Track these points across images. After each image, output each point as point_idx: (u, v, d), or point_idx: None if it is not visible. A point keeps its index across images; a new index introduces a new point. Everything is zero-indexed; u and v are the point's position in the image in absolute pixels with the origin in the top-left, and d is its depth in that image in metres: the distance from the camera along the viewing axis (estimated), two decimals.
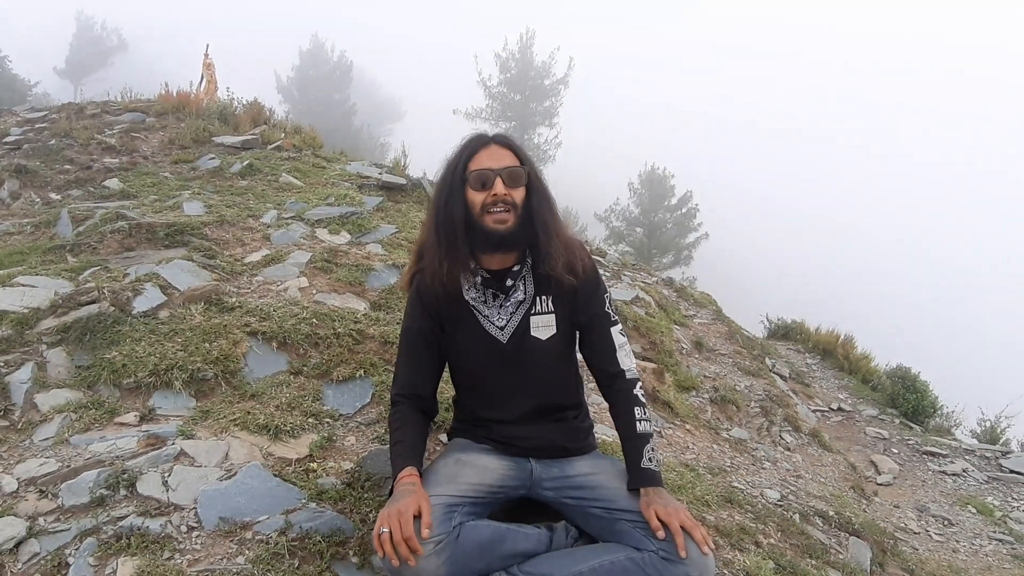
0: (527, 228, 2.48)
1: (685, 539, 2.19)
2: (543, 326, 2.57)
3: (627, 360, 2.62)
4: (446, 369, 2.78)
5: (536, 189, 2.52)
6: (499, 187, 2.42)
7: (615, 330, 2.64)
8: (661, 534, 2.20)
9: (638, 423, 2.49)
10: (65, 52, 64.08)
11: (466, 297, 2.57)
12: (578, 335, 2.70)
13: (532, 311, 2.57)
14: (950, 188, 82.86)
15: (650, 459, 2.43)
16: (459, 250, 2.45)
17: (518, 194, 2.46)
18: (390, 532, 2.08)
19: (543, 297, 2.58)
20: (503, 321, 2.56)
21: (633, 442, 2.48)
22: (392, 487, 2.32)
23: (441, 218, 2.49)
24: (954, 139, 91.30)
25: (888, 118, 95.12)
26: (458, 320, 2.59)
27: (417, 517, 2.14)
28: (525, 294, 2.57)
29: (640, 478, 2.40)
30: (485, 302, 2.57)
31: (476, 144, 2.51)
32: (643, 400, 2.56)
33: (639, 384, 2.60)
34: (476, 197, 2.44)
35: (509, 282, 2.55)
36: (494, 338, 2.56)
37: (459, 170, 2.48)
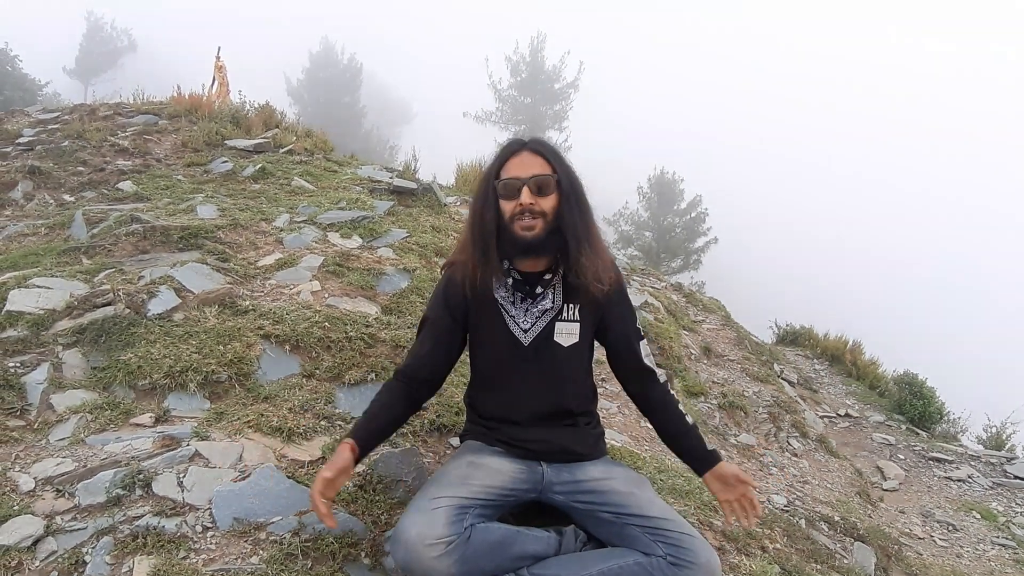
0: (557, 235, 2.49)
1: (691, 541, 2.25)
2: (567, 333, 2.60)
3: (651, 364, 2.75)
4: (456, 371, 2.82)
5: (568, 196, 2.51)
6: (526, 196, 2.43)
7: (642, 343, 2.74)
8: (755, 485, 2.42)
9: (687, 416, 2.66)
10: (75, 52, 64.20)
11: (495, 295, 2.60)
12: (607, 352, 2.78)
13: (558, 318, 2.60)
14: (959, 191, 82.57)
15: (707, 443, 2.64)
16: (491, 258, 2.49)
17: (547, 202, 2.46)
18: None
19: (571, 305, 2.61)
20: (528, 324, 2.59)
21: (691, 433, 2.65)
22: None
23: (477, 225, 2.52)
24: (963, 140, 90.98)
25: (894, 122, 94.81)
26: (484, 316, 2.62)
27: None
28: (553, 303, 2.59)
29: (711, 460, 2.58)
30: (513, 303, 2.60)
31: (508, 152, 2.53)
32: (676, 397, 2.73)
33: (668, 385, 2.74)
34: (506, 206, 2.46)
35: (539, 289, 2.59)
36: (516, 339, 2.59)
37: (492, 177, 2.52)
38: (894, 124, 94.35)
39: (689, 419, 2.65)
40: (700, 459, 2.60)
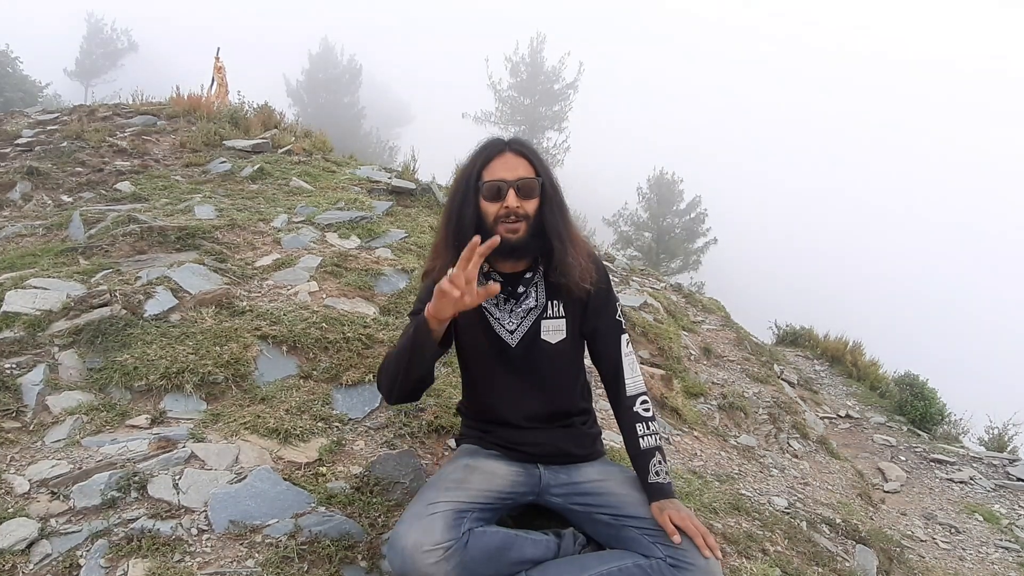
0: (539, 238, 2.46)
1: (691, 545, 2.21)
2: (553, 330, 2.57)
3: (631, 371, 2.61)
4: (455, 372, 2.79)
5: (549, 198, 2.49)
6: (511, 199, 2.39)
7: (623, 339, 2.64)
8: (677, 539, 2.21)
9: (641, 440, 2.50)
10: (75, 54, 64.25)
11: None
12: (586, 343, 2.70)
13: (544, 315, 2.57)
14: (961, 190, 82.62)
15: (656, 473, 2.44)
16: None
17: (530, 205, 2.44)
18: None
19: (555, 302, 2.58)
20: (513, 325, 2.56)
21: (638, 460, 2.49)
22: (424, 319, 2.28)
23: (453, 225, 2.47)
24: (965, 141, 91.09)
25: (898, 123, 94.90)
26: (469, 320, 2.57)
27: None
28: (537, 301, 2.56)
29: (649, 493, 2.41)
30: (497, 305, 2.57)
31: (491, 152, 2.48)
32: (646, 414, 2.55)
33: (642, 397, 2.58)
34: (489, 208, 2.42)
35: (521, 289, 2.55)
36: (503, 341, 2.56)
37: (473, 178, 2.46)
38: (897, 125, 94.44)
39: (647, 441, 2.50)
40: (645, 487, 2.46)
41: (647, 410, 2.57)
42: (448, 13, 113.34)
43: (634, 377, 2.61)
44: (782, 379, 7.70)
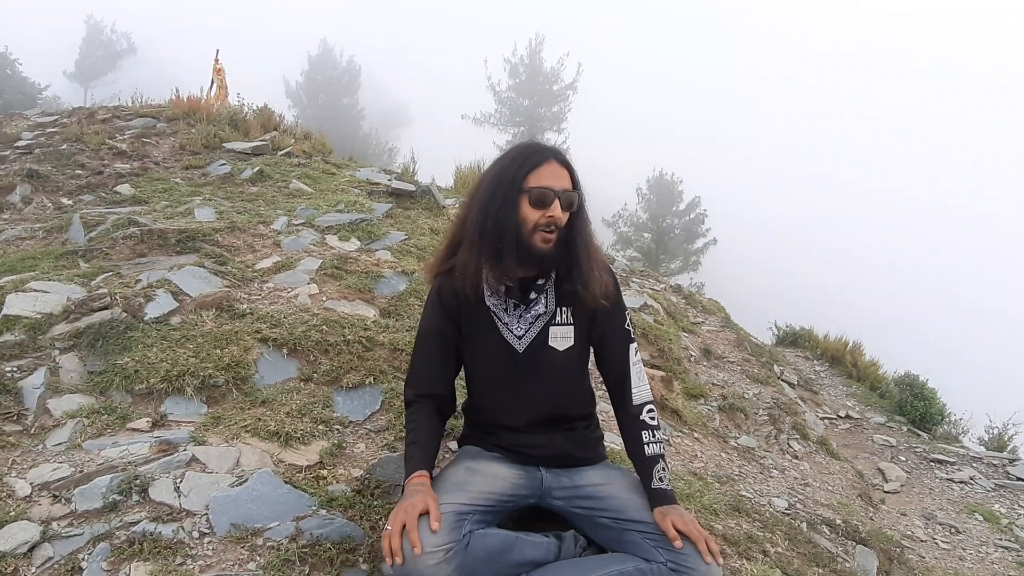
0: (564, 249, 2.48)
1: (692, 550, 2.21)
2: (561, 337, 2.58)
3: (638, 380, 2.63)
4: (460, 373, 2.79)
5: (582, 213, 2.52)
6: (557, 209, 2.41)
7: (632, 347, 2.66)
8: (679, 543, 2.22)
9: (646, 446, 2.52)
10: (75, 55, 64.25)
11: (487, 302, 2.57)
12: (593, 350, 2.72)
13: (552, 322, 2.58)
14: (960, 192, 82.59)
15: (660, 479, 2.45)
16: (506, 262, 2.45)
17: (566, 217, 2.46)
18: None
19: (564, 308, 2.58)
20: (521, 331, 2.56)
21: (643, 466, 2.51)
22: (403, 488, 2.36)
23: (490, 226, 2.45)
24: (964, 143, 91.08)
25: (895, 124, 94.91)
26: (477, 324, 2.59)
27: (424, 515, 2.17)
28: (546, 308, 2.56)
29: (652, 498, 2.42)
30: (506, 310, 2.57)
31: (538, 158, 2.46)
32: (652, 422, 2.57)
33: (648, 406, 2.61)
34: (531, 214, 2.42)
35: (532, 295, 2.56)
36: (511, 346, 2.56)
37: (518, 181, 2.43)
38: (895, 126, 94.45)
39: (652, 448, 2.52)
40: (649, 493, 2.46)
41: (653, 418, 2.59)
42: (447, 14, 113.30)
43: (641, 386, 2.63)
44: (782, 380, 7.71)
